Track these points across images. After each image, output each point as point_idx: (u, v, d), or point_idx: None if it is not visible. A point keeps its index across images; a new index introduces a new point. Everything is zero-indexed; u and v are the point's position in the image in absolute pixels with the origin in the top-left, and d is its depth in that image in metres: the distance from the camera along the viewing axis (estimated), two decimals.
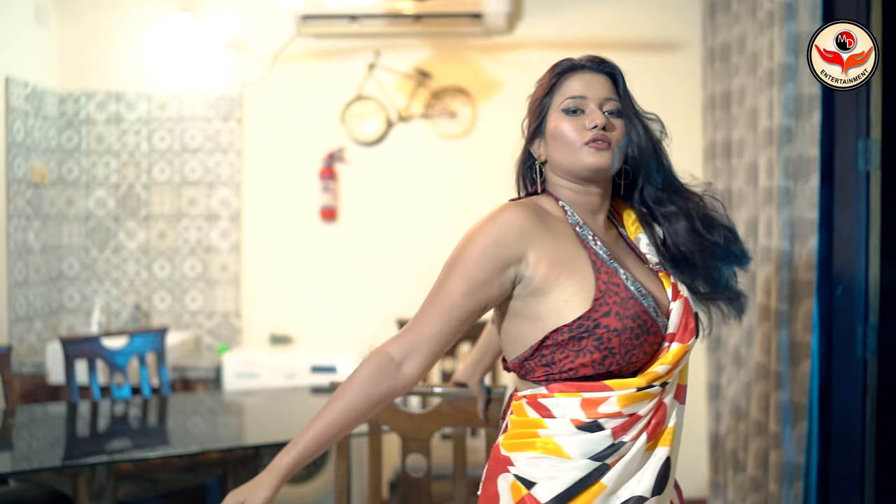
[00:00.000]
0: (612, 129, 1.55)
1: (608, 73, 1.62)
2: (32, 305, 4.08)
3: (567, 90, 1.58)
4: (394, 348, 1.50)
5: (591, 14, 4.22)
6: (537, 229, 1.52)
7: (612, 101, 1.58)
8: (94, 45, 4.32)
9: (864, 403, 3.05)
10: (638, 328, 1.47)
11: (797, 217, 2.98)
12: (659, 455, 1.50)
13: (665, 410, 1.52)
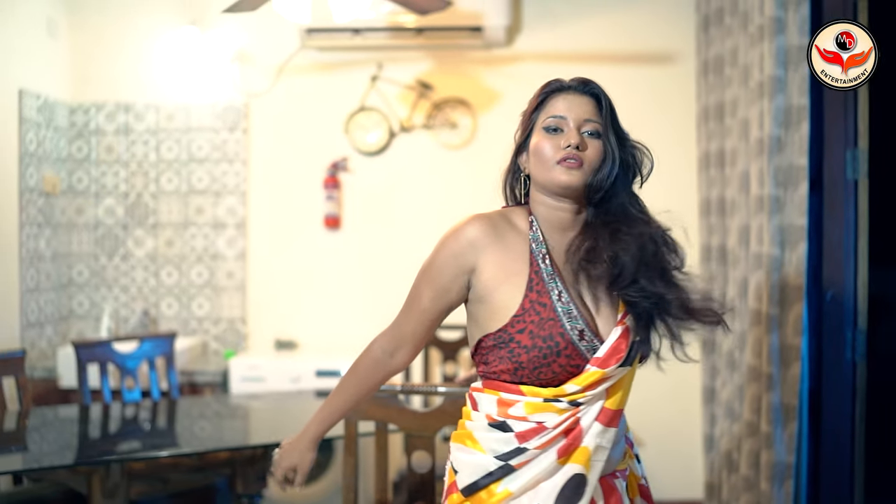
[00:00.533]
0: (584, 148, 1.64)
1: (593, 95, 1.70)
2: (43, 311, 4.18)
3: (551, 109, 1.69)
4: (384, 344, 1.77)
5: (588, 27, 4.33)
6: (490, 242, 1.64)
7: (591, 123, 1.66)
8: (104, 57, 4.43)
9: (853, 405, 3.14)
10: (548, 349, 1.56)
11: (787, 224, 3.08)
12: (568, 471, 1.57)
13: (581, 430, 1.58)
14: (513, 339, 1.59)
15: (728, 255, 3.64)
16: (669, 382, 4.24)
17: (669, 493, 4.34)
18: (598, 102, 1.70)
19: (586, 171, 1.63)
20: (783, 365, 3.08)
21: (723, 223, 3.73)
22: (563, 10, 4.33)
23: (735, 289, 3.49)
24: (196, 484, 3.21)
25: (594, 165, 1.64)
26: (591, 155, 1.64)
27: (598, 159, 1.65)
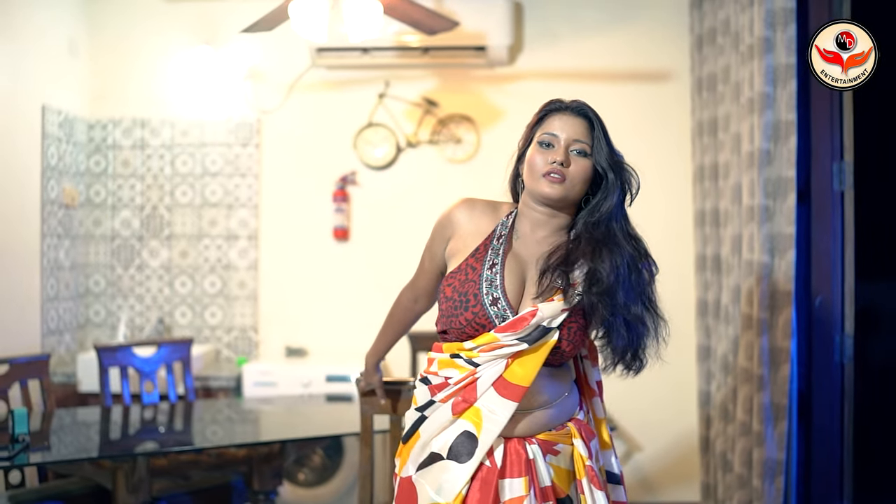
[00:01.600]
0: (569, 165, 1.84)
1: (586, 118, 1.88)
2: (62, 319, 4.33)
3: (547, 126, 1.89)
4: (408, 294, 2.19)
5: (586, 47, 4.51)
6: (466, 219, 1.96)
7: (580, 143, 1.85)
8: (122, 75, 4.61)
9: (841, 405, 3.30)
10: (459, 302, 1.84)
11: (777, 233, 3.25)
12: (459, 427, 1.81)
13: (475, 389, 1.81)
14: (443, 291, 1.88)
15: (722, 264, 3.79)
16: (667, 388, 4.41)
17: (667, 495, 4.48)
18: (591, 125, 1.88)
19: (567, 186, 1.84)
20: (773, 366, 3.23)
21: (717, 233, 3.89)
22: (563, 30, 4.52)
23: (728, 295, 3.64)
24: (214, 481, 3.35)
25: (575, 181, 1.84)
26: (574, 171, 1.84)
27: (581, 177, 1.85)
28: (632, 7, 4.50)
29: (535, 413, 1.85)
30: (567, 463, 1.86)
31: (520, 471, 1.78)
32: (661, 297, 4.61)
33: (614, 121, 4.85)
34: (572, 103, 1.91)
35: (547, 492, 1.80)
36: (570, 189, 1.84)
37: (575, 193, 1.86)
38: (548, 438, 1.85)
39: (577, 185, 1.85)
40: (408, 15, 3.36)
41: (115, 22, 4.59)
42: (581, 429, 1.89)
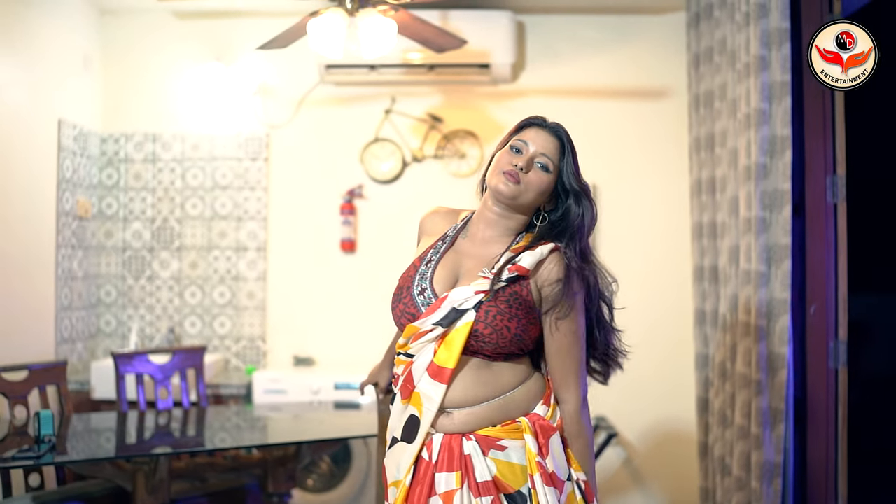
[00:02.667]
0: (528, 172, 1.94)
1: (559, 139, 1.98)
2: (75, 328, 4.42)
3: (522, 135, 2.01)
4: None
5: (586, 65, 4.66)
6: (429, 226, 2.13)
7: (546, 158, 1.95)
8: (134, 90, 4.73)
9: (836, 409, 3.42)
10: (396, 296, 1.99)
11: (773, 243, 3.38)
12: (407, 412, 1.93)
13: (411, 377, 1.94)
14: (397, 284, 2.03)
15: (720, 274, 3.92)
16: (666, 396, 4.53)
17: (667, 502, 4.59)
18: (563, 147, 1.98)
19: (520, 189, 1.93)
20: (771, 372, 3.35)
21: (714, 245, 4.02)
22: (564, 49, 4.66)
23: (726, 304, 3.77)
24: (230, 484, 3.44)
25: (530, 188, 1.93)
26: (531, 180, 1.94)
27: (537, 187, 1.94)
28: (630, 27, 4.66)
29: (473, 409, 1.89)
30: (520, 458, 1.87)
31: (451, 466, 1.85)
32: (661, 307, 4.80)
33: (614, 137, 5.05)
34: (551, 123, 2.02)
35: (487, 486, 1.84)
36: (523, 193, 1.93)
37: (526, 200, 1.94)
38: (489, 434, 1.88)
39: (530, 193, 1.93)
40: (419, 33, 3.49)
41: (128, 39, 4.71)
42: (535, 424, 1.89)
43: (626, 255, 4.62)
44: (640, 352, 4.55)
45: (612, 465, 4.59)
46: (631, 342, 5.02)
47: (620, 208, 4.62)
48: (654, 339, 4.57)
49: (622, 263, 4.59)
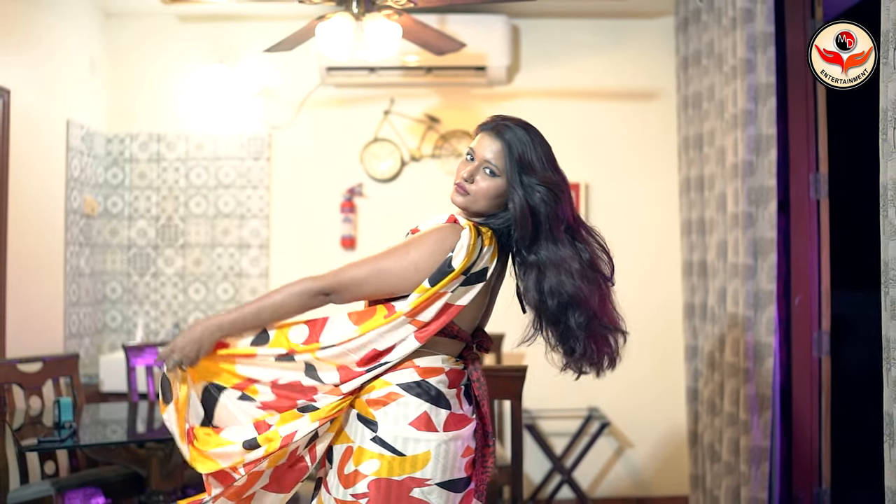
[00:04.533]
0: (472, 182, 1.97)
1: (504, 141, 1.96)
2: (83, 323, 4.54)
3: (474, 141, 2.05)
4: None
5: (579, 67, 4.82)
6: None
7: (490, 164, 1.95)
8: (139, 92, 4.85)
9: (819, 395, 3.58)
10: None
11: (759, 237, 3.54)
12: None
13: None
14: None
15: (708, 269, 4.08)
16: (656, 387, 4.69)
17: (658, 489, 4.74)
18: (508, 148, 1.95)
19: (469, 200, 1.98)
20: (758, 360, 3.51)
21: (703, 240, 4.18)
22: (558, 52, 4.82)
23: (714, 297, 3.92)
24: None
25: (478, 197, 1.98)
26: (477, 189, 1.97)
27: (484, 194, 1.96)
28: (622, 30, 4.82)
29: None
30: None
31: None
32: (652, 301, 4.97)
33: (606, 137, 5.22)
34: (492, 123, 2.01)
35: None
36: (473, 203, 1.97)
37: (479, 207, 1.98)
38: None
39: (479, 201, 1.97)
40: (420, 37, 3.63)
41: (133, 42, 4.83)
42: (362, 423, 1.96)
43: (617, 251, 4.73)
44: (631, 345, 4.72)
45: (605, 454, 4.74)
46: None
47: (612, 206, 4.78)
48: (646, 332, 4.72)
49: (614, 259, 4.75)
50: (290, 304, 1.96)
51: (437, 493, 1.90)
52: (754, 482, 3.49)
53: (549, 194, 1.94)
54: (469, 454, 1.99)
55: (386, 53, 3.44)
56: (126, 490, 3.38)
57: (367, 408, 1.92)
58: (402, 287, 1.92)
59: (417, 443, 1.88)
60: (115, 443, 3.07)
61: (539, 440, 4.47)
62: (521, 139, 1.96)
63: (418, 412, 1.90)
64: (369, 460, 1.89)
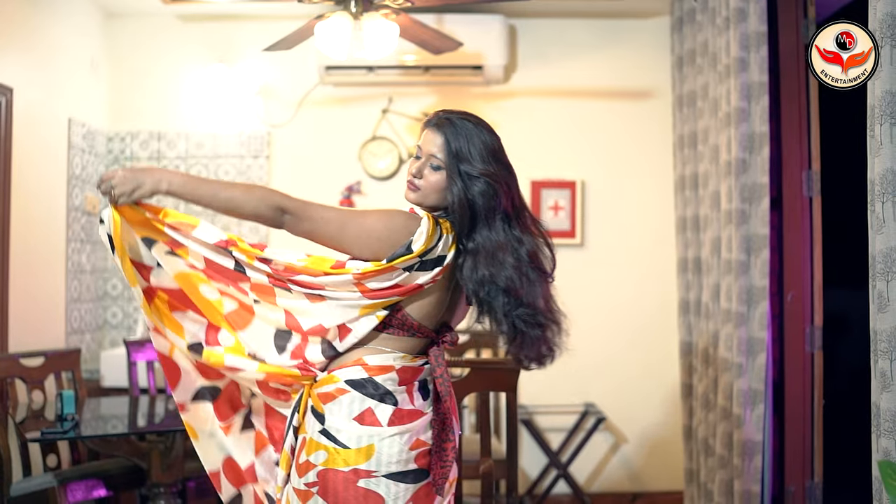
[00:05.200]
0: (420, 177, 2.01)
1: (443, 134, 1.99)
2: (84, 319, 4.58)
3: (420, 139, 2.09)
4: None
5: (575, 67, 4.87)
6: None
7: (434, 158, 1.99)
8: (140, 90, 4.90)
9: (812, 390, 3.63)
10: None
11: (752, 234, 3.59)
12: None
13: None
14: None
15: (702, 265, 4.13)
16: (652, 383, 4.74)
17: (653, 484, 4.79)
18: (447, 141, 1.98)
19: (420, 196, 2.03)
20: (751, 355, 3.56)
21: (697, 237, 4.23)
22: (554, 51, 4.87)
23: (708, 293, 3.97)
24: None
25: (427, 192, 2.02)
26: (426, 184, 2.01)
27: (433, 188, 2.00)
28: (617, 30, 4.87)
29: None
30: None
31: None
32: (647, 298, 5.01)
33: (602, 136, 5.27)
34: (434, 118, 2.05)
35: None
36: (424, 198, 2.01)
37: (431, 201, 2.01)
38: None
39: (429, 195, 2.00)
40: (417, 36, 3.68)
41: (134, 41, 4.88)
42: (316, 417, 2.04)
43: (613, 248, 4.83)
44: (627, 341, 4.79)
45: (601, 450, 4.79)
46: (619, 332, 5.25)
47: (608, 204, 4.83)
48: (641, 328, 4.78)
49: (610, 257, 4.82)
50: (247, 201, 1.97)
51: (385, 484, 1.93)
52: (747, 475, 3.54)
53: (487, 186, 1.96)
54: (420, 447, 2.00)
55: (384, 52, 3.49)
56: (127, 482, 3.42)
57: (318, 401, 1.98)
58: (351, 245, 1.96)
59: (360, 437, 1.93)
60: (116, 434, 3.13)
61: (535, 435, 4.52)
62: (461, 132, 1.99)
63: (362, 408, 1.94)
64: (317, 451, 1.94)
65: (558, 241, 4.71)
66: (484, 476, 2.72)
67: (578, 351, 5.35)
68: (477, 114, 2.14)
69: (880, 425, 2.31)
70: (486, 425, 2.77)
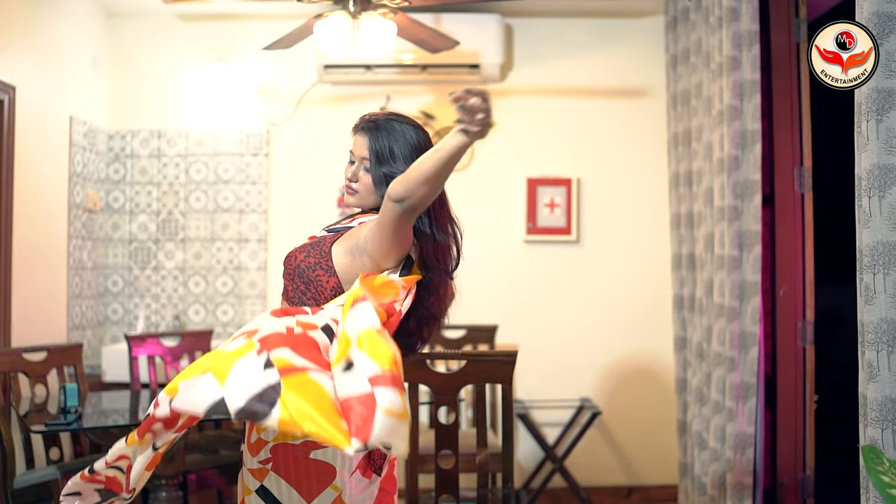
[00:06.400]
0: (355, 180, 2.11)
1: (368, 136, 2.09)
2: (85, 316, 4.63)
3: (351, 145, 2.16)
4: None
5: (571, 65, 4.92)
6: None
7: (365, 159, 2.10)
8: (140, 89, 4.95)
9: (804, 383, 3.69)
10: None
11: (744, 230, 3.64)
12: None
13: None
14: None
15: (696, 261, 4.18)
16: (646, 378, 4.78)
17: (648, 478, 4.85)
18: (370, 142, 2.08)
19: (358, 199, 2.12)
20: (744, 349, 3.61)
21: (691, 234, 4.28)
22: (550, 50, 4.92)
23: (702, 289, 4.03)
24: (239, 457, 3.66)
25: (364, 193, 2.10)
26: (362, 185, 2.11)
27: (368, 189, 2.09)
28: (612, 29, 4.93)
29: None
30: None
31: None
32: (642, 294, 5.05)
33: (597, 134, 5.32)
34: (362, 123, 2.13)
35: None
36: (363, 200, 2.11)
37: (370, 202, 2.10)
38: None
39: (367, 196, 2.10)
40: (415, 34, 3.73)
41: (135, 41, 4.93)
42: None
43: (609, 245, 4.88)
44: (622, 336, 4.84)
45: (596, 443, 4.84)
46: (614, 327, 5.29)
47: (603, 202, 4.88)
48: (636, 324, 4.83)
49: (606, 253, 4.87)
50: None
51: (332, 452, 1.96)
52: (739, 468, 3.59)
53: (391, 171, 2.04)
54: None
55: (382, 51, 3.54)
56: None
57: None
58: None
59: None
60: (120, 426, 3.17)
61: (531, 429, 4.57)
62: (383, 133, 2.07)
63: None
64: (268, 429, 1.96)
65: (554, 238, 4.83)
66: (480, 467, 2.77)
67: (574, 346, 5.46)
68: None
69: (867, 414, 2.37)
70: (483, 417, 2.83)
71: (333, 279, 2.04)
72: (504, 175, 4.92)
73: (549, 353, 4.76)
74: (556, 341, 4.79)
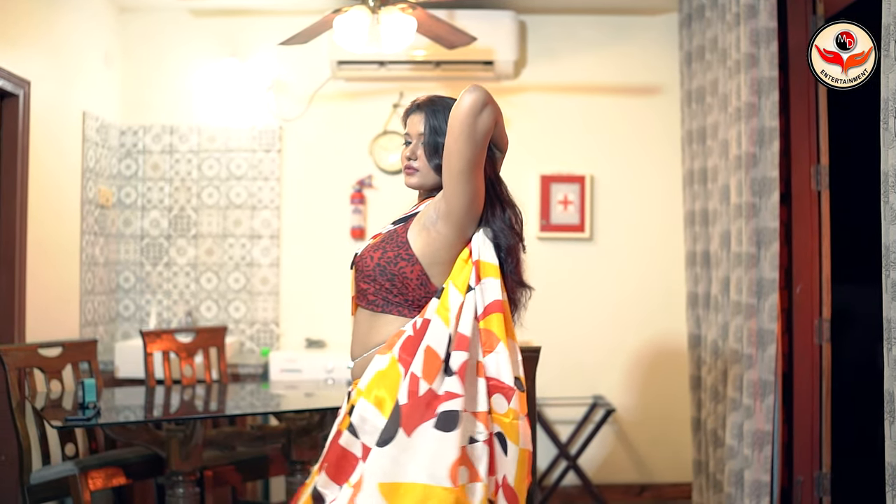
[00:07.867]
0: (414, 158, 2.13)
1: (422, 112, 2.13)
2: (97, 312, 4.63)
3: (405, 129, 2.20)
4: None
5: (584, 63, 4.91)
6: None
7: (422, 135, 2.11)
8: (153, 85, 4.94)
9: (820, 381, 3.68)
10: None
11: (762, 227, 3.63)
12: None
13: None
14: None
15: (711, 259, 4.17)
16: (660, 376, 4.78)
17: (661, 476, 4.84)
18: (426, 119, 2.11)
19: (420, 177, 2.12)
20: (761, 346, 3.61)
21: (706, 231, 4.27)
22: (563, 47, 4.91)
23: (718, 286, 4.02)
24: (255, 453, 3.66)
25: (425, 171, 2.11)
26: (422, 163, 2.12)
27: (427, 166, 2.10)
28: (626, 27, 4.92)
29: (359, 360, 2.13)
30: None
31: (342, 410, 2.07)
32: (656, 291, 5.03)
33: (611, 131, 5.32)
34: (413, 105, 2.18)
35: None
36: (425, 178, 2.11)
37: (431, 180, 2.10)
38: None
39: (429, 174, 2.10)
40: (433, 30, 3.72)
41: (147, 36, 4.92)
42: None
43: (622, 242, 4.88)
44: (635, 333, 4.84)
45: (609, 441, 4.84)
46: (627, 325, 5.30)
47: (617, 199, 4.88)
48: (649, 321, 4.83)
49: (619, 251, 4.86)
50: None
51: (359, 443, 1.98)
52: (757, 465, 3.58)
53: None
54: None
55: (401, 46, 3.54)
56: (146, 471, 3.47)
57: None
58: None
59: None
60: (138, 422, 3.17)
61: (545, 427, 4.57)
62: (438, 107, 2.11)
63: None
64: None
65: (568, 236, 4.81)
66: None
67: (587, 344, 5.48)
68: None
69: (894, 412, 2.36)
70: None
71: (417, 267, 2.04)
72: (517, 172, 4.89)
73: (563, 351, 4.75)
74: (569, 338, 4.78)
